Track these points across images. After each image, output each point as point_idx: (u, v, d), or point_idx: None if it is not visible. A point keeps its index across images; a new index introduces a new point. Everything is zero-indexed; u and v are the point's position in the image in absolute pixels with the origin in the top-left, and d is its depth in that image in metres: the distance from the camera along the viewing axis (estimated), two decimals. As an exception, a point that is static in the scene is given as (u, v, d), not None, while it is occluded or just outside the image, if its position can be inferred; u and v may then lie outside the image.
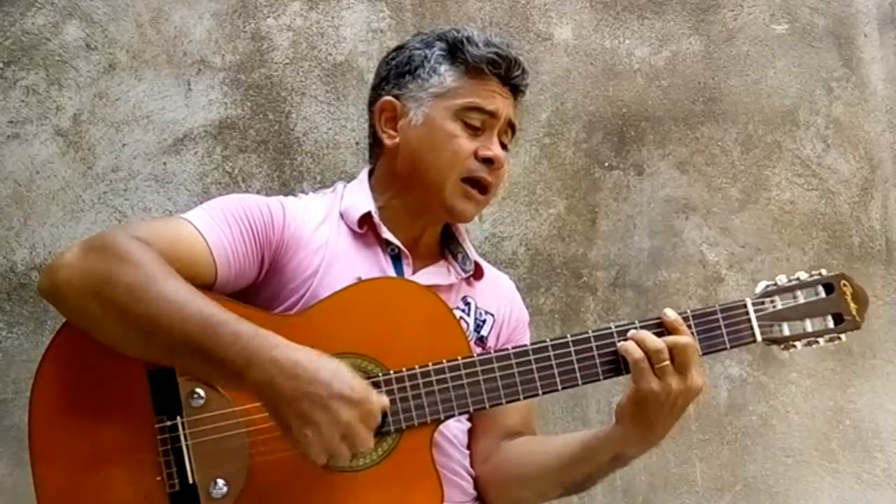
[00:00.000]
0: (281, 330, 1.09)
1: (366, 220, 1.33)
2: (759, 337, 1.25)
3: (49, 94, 1.80)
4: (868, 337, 2.01)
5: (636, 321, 1.22)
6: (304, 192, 1.51)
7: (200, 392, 1.13)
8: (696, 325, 1.23)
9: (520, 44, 1.96)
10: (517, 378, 1.19)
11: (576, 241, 1.97)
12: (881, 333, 2.04)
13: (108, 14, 1.83)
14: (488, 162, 1.32)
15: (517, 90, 1.37)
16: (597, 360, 1.21)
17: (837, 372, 2.02)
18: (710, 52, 2.06)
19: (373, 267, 1.31)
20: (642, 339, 1.18)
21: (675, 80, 2.04)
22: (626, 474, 1.89)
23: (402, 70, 1.36)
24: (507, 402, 1.20)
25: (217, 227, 1.20)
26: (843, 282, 1.31)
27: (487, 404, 1.19)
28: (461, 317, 1.36)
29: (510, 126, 1.37)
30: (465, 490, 1.34)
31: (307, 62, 1.90)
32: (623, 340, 1.20)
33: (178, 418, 1.13)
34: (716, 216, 2.02)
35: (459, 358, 1.18)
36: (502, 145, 1.36)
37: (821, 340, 1.28)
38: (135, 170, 1.82)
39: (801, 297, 1.28)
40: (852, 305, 1.30)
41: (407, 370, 1.17)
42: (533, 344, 1.21)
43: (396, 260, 1.33)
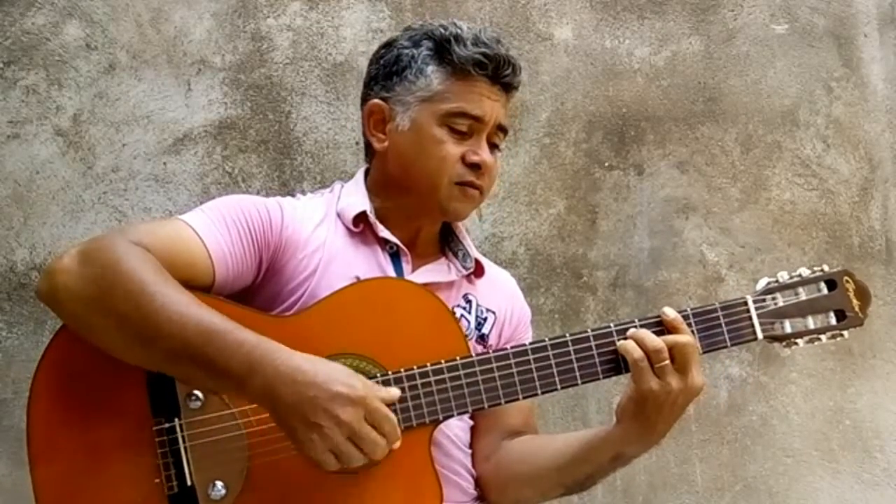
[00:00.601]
0: (279, 331, 1.09)
1: (362, 218, 1.32)
2: (761, 334, 1.25)
3: (49, 94, 1.80)
4: (868, 337, 2.01)
5: (636, 320, 1.22)
6: (304, 192, 1.51)
7: (199, 394, 1.13)
8: (696, 322, 1.23)
9: (520, 44, 1.96)
10: (516, 378, 1.19)
11: (576, 241, 1.97)
12: (881, 333, 2.04)
13: (108, 14, 1.83)
14: (475, 167, 1.31)
15: (508, 88, 1.35)
16: (596, 359, 1.20)
17: (837, 372, 2.02)
18: (710, 52, 2.06)
19: (371, 265, 1.31)
20: (642, 338, 1.18)
21: (675, 80, 2.04)
22: (626, 474, 1.89)
23: (389, 71, 1.35)
24: (506, 402, 1.20)
25: (215, 229, 1.20)
26: (846, 278, 1.29)
27: (486, 404, 1.19)
28: (462, 314, 1.36)
29: (500, 128, 1.35)
30: (465, 490, 1.34)
31: (307, 62, 1.90)
32: (623, 339, 1.20)
33: (176, 420, 1.13)
34: (716, 216, 2.02)
35: (458, 358, 1.18)
36: (494, 146, 1.35)
37: (823, 337, 1.27)
38: (135, 170, 1.82)
39: (803, 294, 1.27)
40: (855, 302, 1.29)
41: (405, 371, 1.16)
42: (532, 343, 1.21)
43: (395, 258, 1.33)
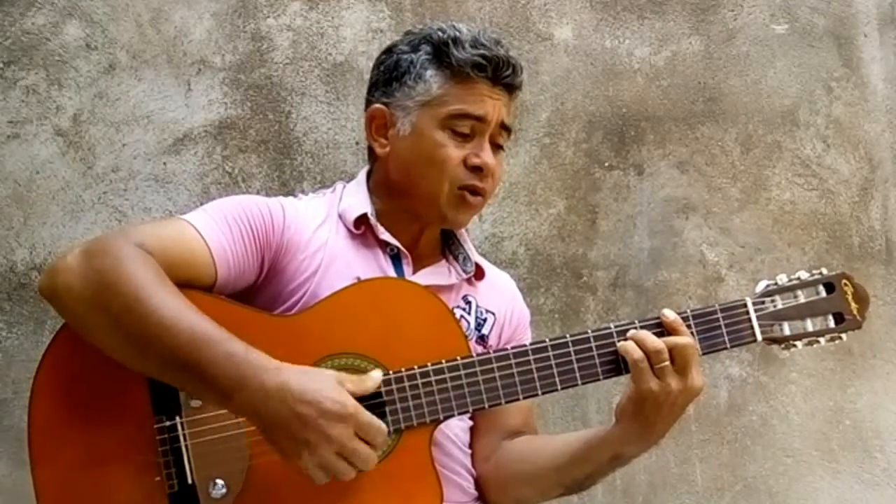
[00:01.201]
0: (280, 330, 1.10)
1: (363, 221, 1.32)
2: (760, 336, 1.25)
3: (49, 94, 1.80)
4: (868, 337, 2.01)
5: (636, 321, 1.22)
6: (304, 192, 1.51)
7: (200, 392, 1.13)
8: (696, 324, 1.23)
9: (520, 44, 1.96)
10: (516, 378, 1.19)
11: (576, 241, 1.97)
12: (881, 333, 2.04)
13: (108, 14, 1.83)
14: (477, 170, 1.30)
15: (511, 88, 1.34)
16: (596, 359, 1.20)
17: (837, 372, 2.02)
18: (710, 52, 2.06)
19: (372, 267, 1.31)
20: (642, 339, 1.18)
21: (675, 80, 2.04)
22: (626, 474, 1.89)
23: (389, 76, 1.34)
24: (507, 402, 1.20)
25: (217, 229, 1.20)
26: (844, 281, 1.30)
27: (486, 404, 1.19)
28: (462, 315, 1.36)
29: (503, 127, 1.34)
30: (465, 489, 1.34)
31: (307, 62, 1.90)
32: (623, 340, 1.20)
33: (177, 418, 1.13)
34: (716, 216, 2.02)
35: (458, 358, 1.18)
36: (498, 146, 1.35)
37: (822, 340, 1.28)
38: (135, 170, 1.82)
39: (802, 297, 1.28)
40: (853, 305, 1.29)
41: (406, 370, 1.16)
42: (532, 344, 1.21)
43: (396, 260, 1.33)
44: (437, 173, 1.30)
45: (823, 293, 1.29)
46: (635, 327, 1.20)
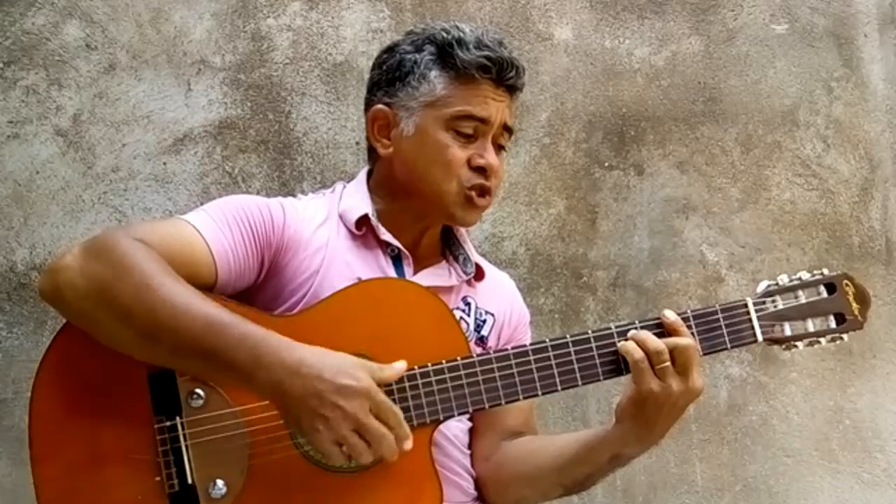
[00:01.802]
0: (281, 331, 1.09)
1: (364, 221, 1.32)
2: (761, 337, 1.25)
3: (49, 94, 1.80)
4: (868, 337, 2.01)
5: (636, 321, 1.22)
6: (304, 192, 1.51)
7: (200, 392, 1.14)
8: (696, 325, 1.23)
9: (520, 44, 1.96)
10: (517, 378, 1.19)
11: (576, 241, 1.97)
12: (881, 333, 2.04)
13: (108, 14, 1.83)
14: (481, 170, 1.30)
15: (513, 89, 1.34)
16: (597, 360, 1.20)
17: (837, 372, 2.02)
18: (710, 52, 2.06)
19: (373, 268, 1.31)
20: (643, 339, 1.18)
21: (675, 80, 2.04)
22: (626, 474, 1.89)
23: (392, 76, 1.34)
24: (507, 402, 1.19)
25: (217, 229, 1.20)
26: (846, 281, 1.30)
27: (487, 405, 1.19)
28: (461, 317, 1.35)
29: (505, 128, 1.35)
30: (465, 490, 1.34)
31: (307, 62, 1.90)
32: (623, 341, 1.20)
33: (177, 419, 1.13)
34: (716, 216, 2.02)
35: (459, 358, 1.18)
36: (500, 147, 1.35)
37: (822, 340, 1.28)
38: (135, 170, 1.82)
39: (803, 297, 1.28)
40: (854, 305, 1.29)
41: (406, 371, 1.16)
42: (532, 344, 1.21)
43: (397, 261, 1.33)
44: (442, 174, 1.30)
45: (825, 294, 1.29)
46: (636, 328, 1.20)
